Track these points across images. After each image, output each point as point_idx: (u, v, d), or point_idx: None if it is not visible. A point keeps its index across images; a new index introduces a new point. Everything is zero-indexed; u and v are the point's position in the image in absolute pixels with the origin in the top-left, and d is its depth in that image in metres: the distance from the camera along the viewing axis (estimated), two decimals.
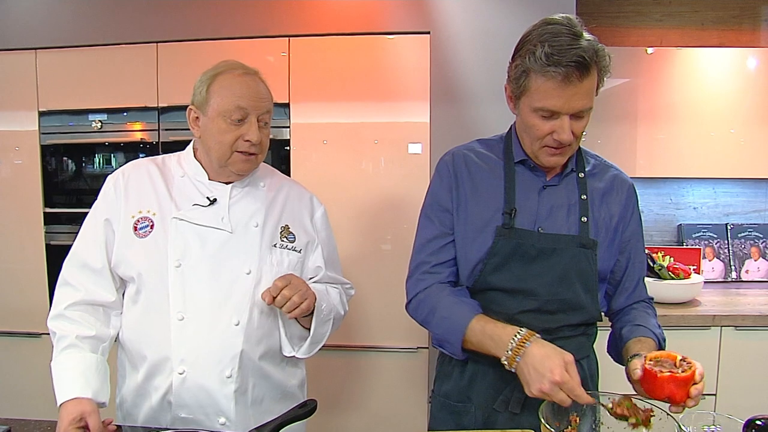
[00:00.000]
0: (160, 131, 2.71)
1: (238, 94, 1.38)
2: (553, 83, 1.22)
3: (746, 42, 3.08)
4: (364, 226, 2.61)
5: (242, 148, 1.39)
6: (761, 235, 3.11)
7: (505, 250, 1.35)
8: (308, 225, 1.56)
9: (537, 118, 1.28)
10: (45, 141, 2.78)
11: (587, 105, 1.26)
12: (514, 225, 1.36)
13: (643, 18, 3.11)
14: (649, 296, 1.50)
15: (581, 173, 1.42)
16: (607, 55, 1.27)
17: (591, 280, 1.38)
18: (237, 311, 1.39)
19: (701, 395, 1.13)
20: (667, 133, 2.84)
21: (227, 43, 2.62)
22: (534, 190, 1.39)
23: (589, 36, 1.24)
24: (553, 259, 1.34)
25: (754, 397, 2.39)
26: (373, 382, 2.67)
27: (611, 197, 1.42)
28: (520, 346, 1.19)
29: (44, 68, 2.74)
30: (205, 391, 1.37)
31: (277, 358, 1.50)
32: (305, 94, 2.61)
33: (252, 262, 1.43)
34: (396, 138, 2.60)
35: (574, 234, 1.36)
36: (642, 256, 1.48)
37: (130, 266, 1.40)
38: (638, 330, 1.35)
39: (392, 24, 2.57)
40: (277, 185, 1.57)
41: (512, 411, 1.35)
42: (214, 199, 1.44)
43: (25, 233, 2.81)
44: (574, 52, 1.19)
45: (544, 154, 1.34)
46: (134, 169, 1.49)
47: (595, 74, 1.25)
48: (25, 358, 2.81)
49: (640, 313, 1.42)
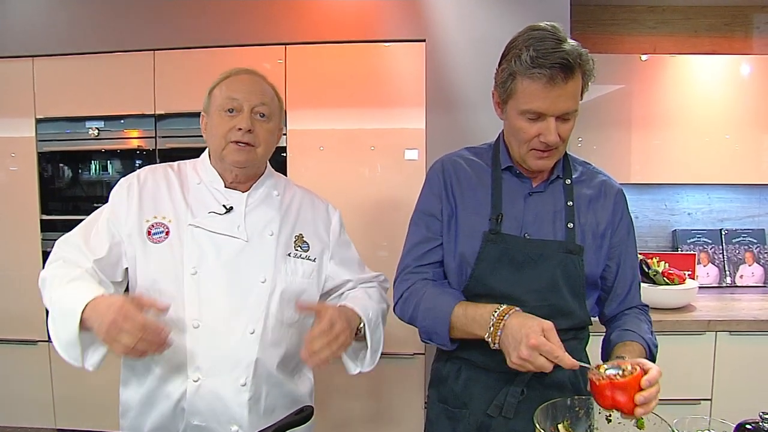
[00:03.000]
0: (157, 138, 2.72)
1: (233, 88, 1.42)
2: (538, 85, 1.24)
3: (739, 49, 3.11)
4: (360, 232, 2.61)
5: (234, 137, 1.40)
6: (755, 241, 3.13)
7: (493, 255, 1.37)
8: (323, 233, 1.56)
9: (524, 121, 1.30)
10: (42, 148, 2.78)
11: (572, 107, 1.27)
12: (501, 230, 1.37)
13: (636, 25, 3.14)
14: (643, 303, 1.49)
15: (568, 180, 1.43)
16: (590, 60, 1.29)
17: (578, 285, 1.38)
18: (252, 320, 1.39)
19: (654, 402, 1.07)
20: (662, 139, 2.86)
21: (224, 50, 2.63)
22: (520, 196, 1.41)
23: (572, 42, 1.26)
24: (540, 265, 1.35)
25: (749, 401, 2.37)
26: (369, 388, 2.67)
27: (598, 203, 1.43)
28: (500, 320, 1.21)
29: (41, 75, 2.75)
30: (219, 399, 1.36)
31: (290, 366, 1.49)
32: (302, 101, 2.62)
33: (267, 270, 1.43)
34: (392, 144, 2.61)
35: (561, 240, 1.37)
36: (634, 262, 1.48)
37: (143, 272, 1.40)
38: (626, 335, 1.34)
39: (388, 32, 2.59)
40: (290, 194, 1.58)
41: (506, 416, 1.35)
42: (231, 207, 1.45)
43: (21, 240, 2.81)
44: (559, 54, 1.21)
45: (531, 158, 1.35)
46: (151, 174, 1.49)
47: (580, 77, 1.27)
48: (21, 365, 2.80)
49: (632, 319, 1.42)
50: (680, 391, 2.41)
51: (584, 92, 1.32)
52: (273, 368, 1.43)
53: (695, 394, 2.46)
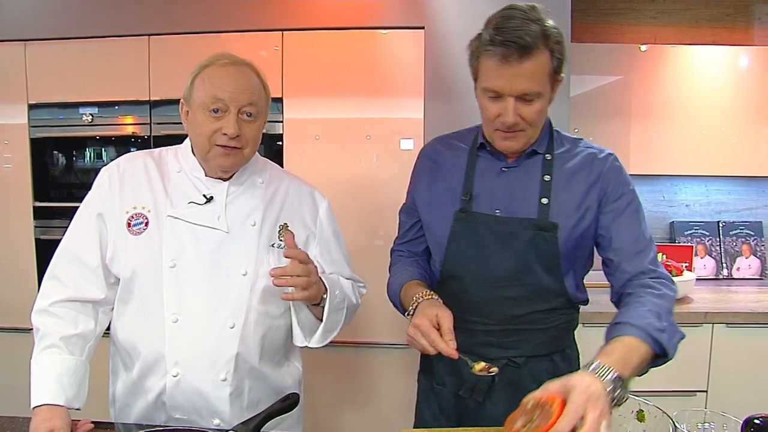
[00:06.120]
0: (152, 125, 2.69)
1: (218, 85, 1.32)
2: (493, 62, 1.23)
3: (739, 40, 3.08)
4: (356, 221, 2.59)
5: (220, 141, 1.33)
6: (753, 233, 3.13)
7: (463, 234, 1.37)
8: (309, 222, 1.52)
9: (486, 100, 1.29)
10: (34, 134, 2.74)
11: (532, 88, 1.23)
12: (471, 209, 1.37)
13: (637, 15, 3.11)
14: (657, 271, 1.31)
15: (549, 155, 1.38)
16: (561, 41, 1.25)
17: (553, 263, 1.34)
18: (233, 313, 1.36)
19: None
20: (661, 130, 2.85)
21: (220, 36, 2.60)
22: (493, 173, 1.39)
23: (549, 23, 1.23)
24: (510, 242, 1.33)
25: (746, 394, 2.40)
26: (364, 377, 2.66)
27: (581, 175, 1.36)
28: (415, 304, 1.30)
29: (34, 60, 2.71)
30: (199, 394, 1.35)
31: (275, 359, 1.47)
32: (298, 88, 2.59)
33: (248, 263, 1.39)
34: (388, 134, 2.59)
35: (533, 217, 1.33)
36: (636, 229, 1.35)
37: (123, 264, 1.37)
38: (614, 329, 1.17)
39: (386, 19, 2.56)
40: (276, 181, 1.51)
41: (476, 399, 1.38)
42: (211, 197, 1.40)
43: (14, 228, 2.78)
44: (516, 33, 1.19)
45: (497, 138, 1.33)
46: (130, 162, 1.44)
47: (543, 58, 1.22)
48: (14, 354, 2.78)
49: (632, 301, 1.25)
50: (676, 383, 2.41)
51: (558, 77, 1.28)
52: (255, 362, 1.40)
53: (691, 385, 2.46)
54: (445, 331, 1.20)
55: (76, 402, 1.28)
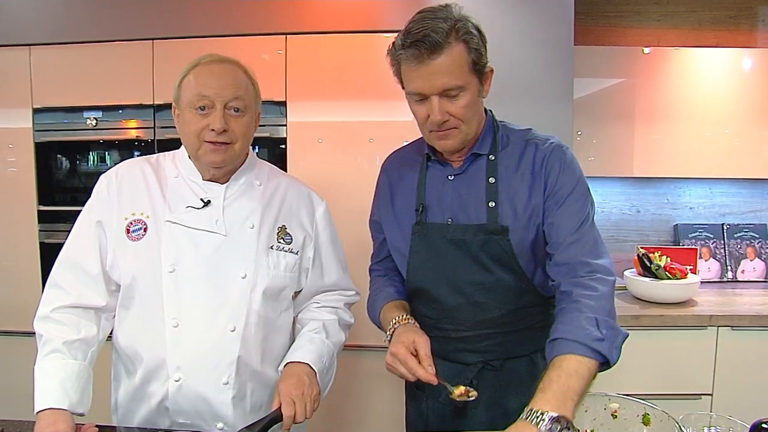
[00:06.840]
0: (156, 129, 2.69)
1: (203, 83, 1.34)
2: (409, 65, 1.24)
3: (743, 42, 3.08)
4: (357, 225, 2.58)
5: (208, 137, 1.34)
6: (757, 236, 3.12)
7: (421, 247, 1.38)
8: (306, 223, 1.52)
9: (414, 104, 1.30)
10: (39, 138, 2.75)
11: (452, 83, 1.22)
12: (426, 220, 1.37)
13: (640, 18, 3.11)
14: (586, 260, 1.21)
15: (492, 156, 1.35)
16: (473, 29, 1.23)
17: (511, 263, 1.32)
18: (233, 317, 1.36)
19: None
20: (664, 133, 2.84)
21: (224, 40, 2.60)
22: (441, 182, 1.39)
23: (462, 15, 1.23)
24: (464, 249, 1.33)
25: (751, 397, 2.39)
26: (365, 378, 2.66)
27: (525, 173, 1.32)
28: (392, 330, 1.32)
29: (38, 65, 2.71)
30: (202, 399, 1.35)
31: (277, 362, 1.47)
32: (302, 92, 2.60)
33: (247, 265, 1.39)
34: (391, 137, 2.58)
35: (482, 222, 1.32)
36: (573, 220, 1.27)
37: (123, 271, 1.38)
38: (554, 347, 1.13)
39: (389, 22, 2.56)
40: (274, 183, 1.52)
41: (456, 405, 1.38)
42: (208, 201, 1.40)
43: (18, 231, 2.79)
44: (424, 32, 1.19)
45: (434, 139, 1.33)
46: (128, 169, 1.46)
47: (456, 51, 1.21)
48: (19, 357, 2.78)
49: (569, 307, 1.17)
50: (681, 386, 2.40)
51: (482, 67, 1.26)
52: (257, 365, 1.40)
53: (696, 389, 2.45)
54: (423, 357, 1.21)
55: (80, 407, 1.29)
